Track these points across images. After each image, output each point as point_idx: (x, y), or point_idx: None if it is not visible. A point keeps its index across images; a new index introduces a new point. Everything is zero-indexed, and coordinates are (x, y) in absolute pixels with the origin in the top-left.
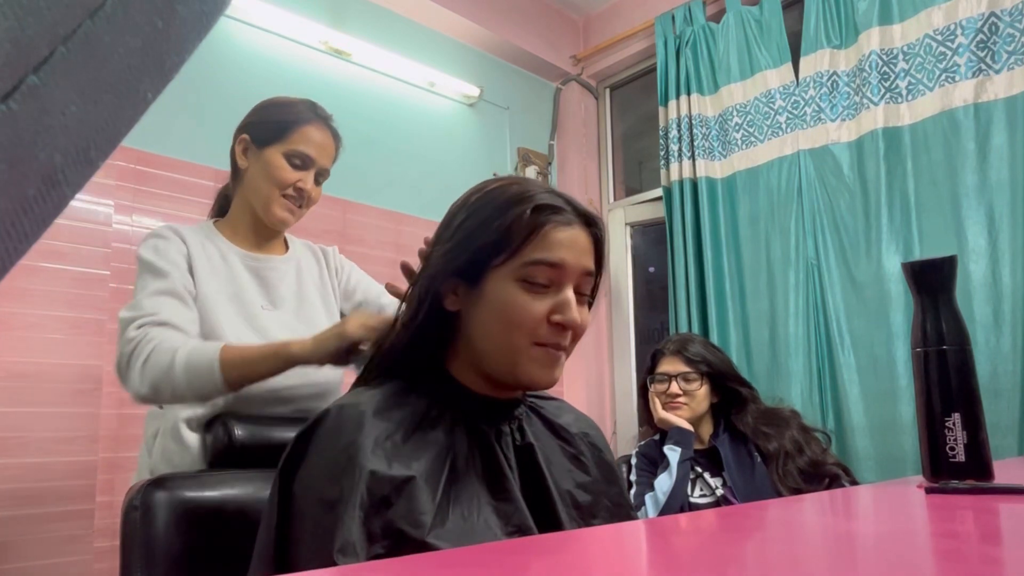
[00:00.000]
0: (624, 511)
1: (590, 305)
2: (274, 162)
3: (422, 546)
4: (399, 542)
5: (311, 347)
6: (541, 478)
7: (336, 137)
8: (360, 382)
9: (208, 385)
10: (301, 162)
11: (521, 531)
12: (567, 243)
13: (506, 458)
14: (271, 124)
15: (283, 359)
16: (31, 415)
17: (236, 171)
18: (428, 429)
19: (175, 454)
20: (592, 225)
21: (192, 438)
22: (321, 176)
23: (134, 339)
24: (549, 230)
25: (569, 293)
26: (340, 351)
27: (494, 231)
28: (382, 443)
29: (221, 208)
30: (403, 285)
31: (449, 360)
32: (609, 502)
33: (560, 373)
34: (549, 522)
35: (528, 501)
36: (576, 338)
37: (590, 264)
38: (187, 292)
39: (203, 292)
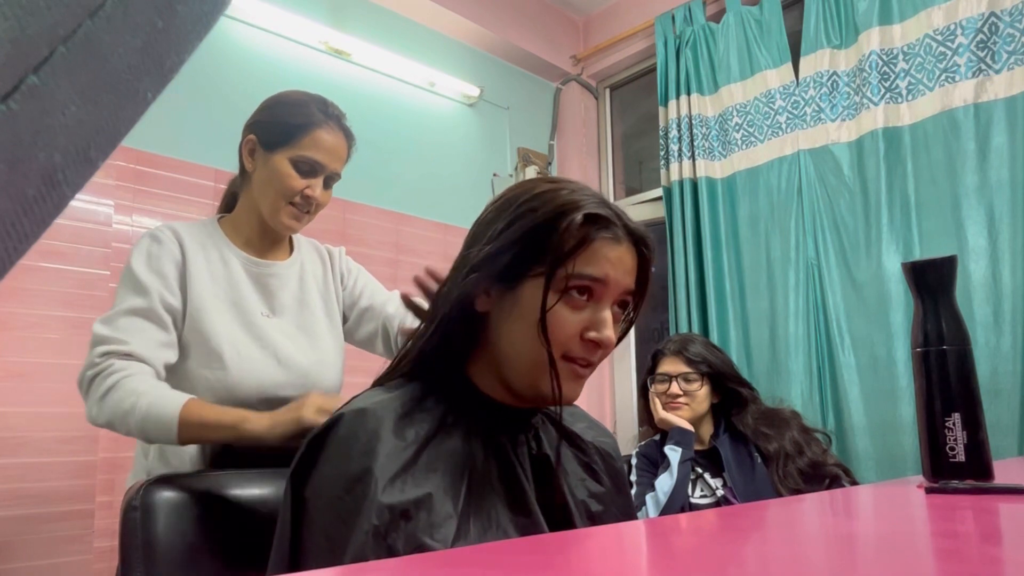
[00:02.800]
0: (631, 516)
1: (631, 324)
2: (281, 169)
3: None
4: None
5: (267, 426)
6: (558, 489)
7: (348, 137)
8: (380, 382)
9: (163, 438)
10: (310, 168)
11: None
12: (613, 260)
13: (523, 469)
14: (279, 126)
15: (239, 434)
16: (31, 415)
17: (243, 170)
18: (445, 438)
19: (172, 456)
20: (641, 244)
21: None
22: (331, 180)
23: (97, 367)
24: (598, 246)
25: (606, 311)
26: (295, 435)
27: (542, 237)
28: (399, 454)
29: (228, 204)
30: (411, 290)
31: (470, 364)
32: (618, 511)
33: (581, 391)
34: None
35: (545, 512)
36: (603, 356)
37: (631, 284)
38: (167, 311)
39: (198, 300)
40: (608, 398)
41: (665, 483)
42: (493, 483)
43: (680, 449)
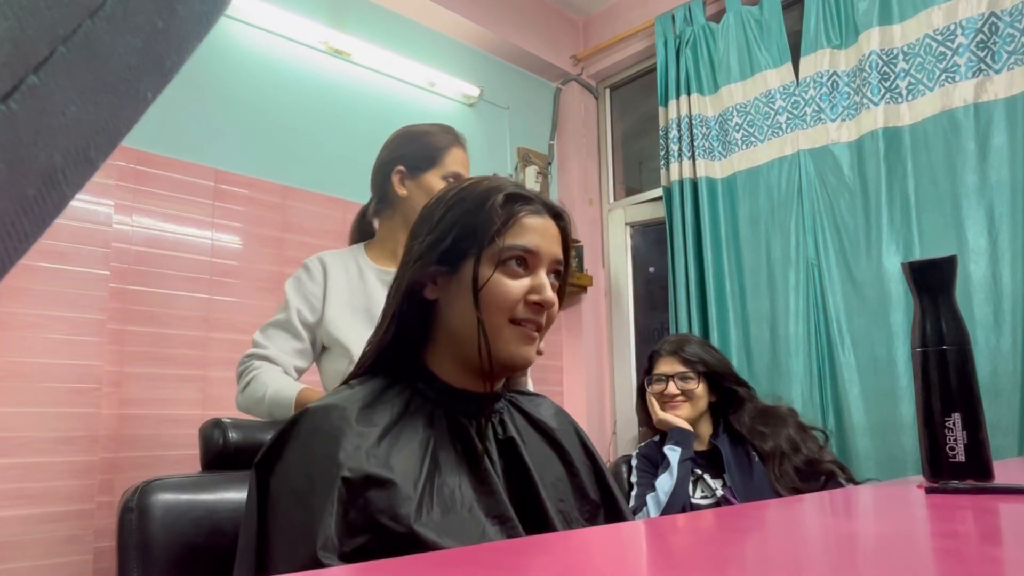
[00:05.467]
0: (612, 499)
1: (561, 295)
2: (435, 185)
3: (407, 537)
4: (381, 536)
5: None
6: (526, 471)
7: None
8: (344, 382)
9: (285, 417)
10: (456, 181)
11: (502, 522)
12: (539, 230)
13: (487, 451)
14: (423, 153)
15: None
16: (31, 415)
17: (391, 199)
18: (408, 424)
19: None
20: (559, 218)
21: None
22: None
23: (244, 365)
24: (522, 218)
25: (543, 276)
26: None
27: (473, 219)
28: (361, 441)
29: (364, 233)
30: None
31: (428, 355)
32: (598, 490)
33: (535, 353)
34: (536, 514)
35: (514, 494)
36: (550, 321)
37: (559, 253)
38: (303, 325)
39: (332, 311)
40: (608, 398)
41: (665, 483)
42: (456, 464)
43: (679, 449)
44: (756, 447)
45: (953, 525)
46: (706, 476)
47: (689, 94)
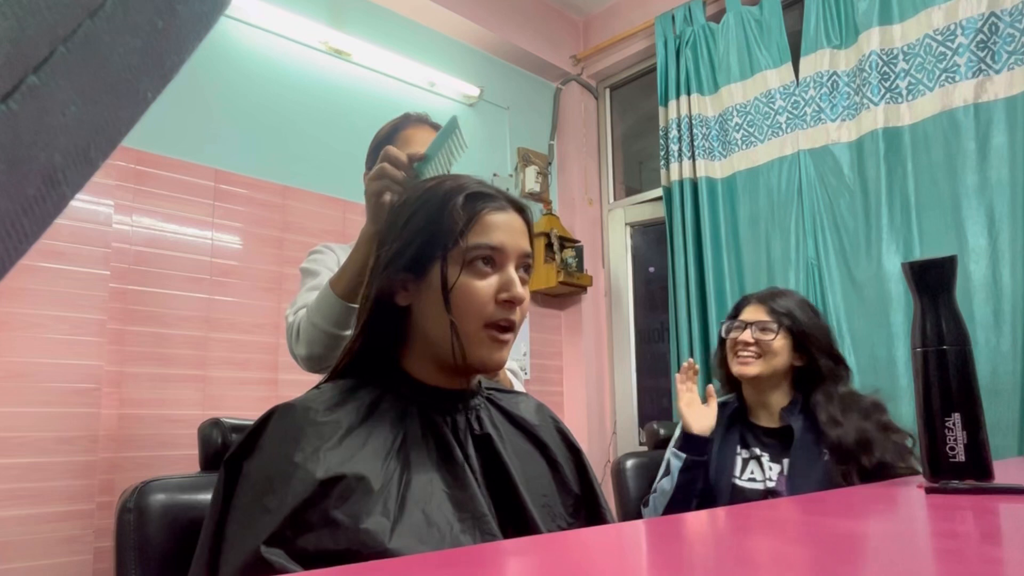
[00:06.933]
0: (593, 494)
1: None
2: None
3: (362, 534)
4: (334, 533)
5: (366, 222)
6: (503, 467)
7: (437, 128)
8: (316, 386)
9: (332, 306)
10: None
11: (475, 518)
12: (504, 226)
13: (461, 447)
14: (376, 148)
15: (360, 243)
16: (31, 415)
17: None
18: (376, 423)
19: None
20: (522, 211)
21: None
22: None
23: (292, 323)
24: (484, 215)
25: (512, 272)
26: (378, 207)
27: (436, 223)
28: (326, 438)
29: None
30: None
31: (403, 356)
32: (578, 488)
33: (507, 355)
34: (514, 510)
35: (492, 490)
36: (522, 316)
37: (527, 246)
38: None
39: None
40: (608, 398)
41: (665, 486)
42: (429, 459)
43: (684, 455)
44: (825, 435)
45: (953, 525)
46: (764, 457)
47: (689, 94)
